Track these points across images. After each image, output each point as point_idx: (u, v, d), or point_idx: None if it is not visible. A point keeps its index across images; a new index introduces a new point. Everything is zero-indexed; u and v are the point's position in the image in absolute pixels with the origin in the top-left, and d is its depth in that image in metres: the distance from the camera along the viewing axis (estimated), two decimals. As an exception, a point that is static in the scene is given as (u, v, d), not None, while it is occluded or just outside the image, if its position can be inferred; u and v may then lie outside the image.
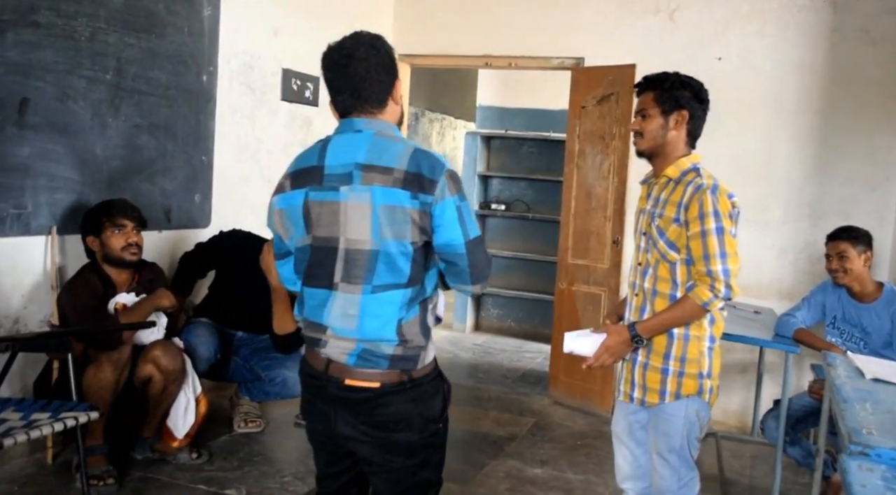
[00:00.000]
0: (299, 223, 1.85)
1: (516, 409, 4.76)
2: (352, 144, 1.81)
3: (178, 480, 3.26)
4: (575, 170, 4.92)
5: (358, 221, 1.77)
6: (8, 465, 3.21)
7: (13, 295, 3.23)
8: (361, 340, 1.80)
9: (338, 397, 1.84)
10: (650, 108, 2.42)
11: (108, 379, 3.05)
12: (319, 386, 1.87)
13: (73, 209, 3.39)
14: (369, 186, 1.76)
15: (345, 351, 1.82)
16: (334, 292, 1.81)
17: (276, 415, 4.15)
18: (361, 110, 1.86)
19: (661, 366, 2.37)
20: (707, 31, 4.67)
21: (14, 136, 3.12)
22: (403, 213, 1.75)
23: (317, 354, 1.87)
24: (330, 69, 1.86)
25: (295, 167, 1.89)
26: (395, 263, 1.77)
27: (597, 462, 3.93)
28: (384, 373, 1.81)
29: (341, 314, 1.81)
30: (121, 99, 3.57)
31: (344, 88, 1.85)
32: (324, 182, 1.81)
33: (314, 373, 1.88)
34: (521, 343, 6.75)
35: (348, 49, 1.85)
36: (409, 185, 1.74)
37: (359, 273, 1.78)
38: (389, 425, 1.84)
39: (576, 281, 4.91)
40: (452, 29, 5.31)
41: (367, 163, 1.77)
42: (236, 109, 4.29)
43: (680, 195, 2.32)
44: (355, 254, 1.78)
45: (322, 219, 1.81)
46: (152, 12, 3.68)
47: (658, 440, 2.41)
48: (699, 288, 2.25)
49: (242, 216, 4.37)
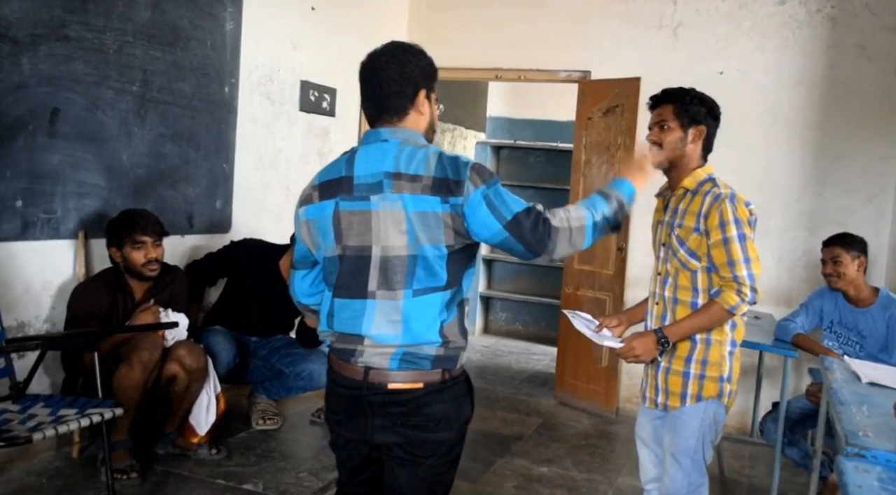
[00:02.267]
0: (329, 233, 1.85)
1: (523, 409, 4.88)
2: (379, 154, 1.82)
3: (198, 475, 3.36)
4: (581, 179, 5.05)
5: (393, 229, 1.78)
6: (37, 459, 3.32)
7: (42, 295, 3.35)
8: (404, 344, 1.80)
9: (377, 403, 1.83)
10: (670, 121, 2.49)
11: (137, 379, 3.15)
12: (356, 396, 1.85)
13: (100, 214, 3.50)
14: (400, 194, 1.77)
15: (386, 356, 1.81)
16: (372, 301, 1.81)
17: (292, 413, 4.28)
18: (384, 120, 1.88)
19: (683, 370, 2.42)
20: (709, 46, 4.80)
21: (45, 145, 3.24)
22: (436, 218, 1.77)
23: (352, 365, 1.84)
24: (360, 79, 1.91)
25: (321, 178, 1.90)
26: (432, 267, 1.79)
27: (601, 461, 4.05)
28: (427, 373, 1.82)
29: (384, 321, 1.80)
30: (146, 109, 3.71)
31: (367, 98, 1.89)
32: (354, 192, 1.82)
33: (350, 384, 1.85)
34: (528, 345, 6.87)
35: (374, 60, 1.88)
36: (437, 191, 1.76)
37: (398, 278, 1.79)
38: (430, 425, 1.85)
39: (581, 286, 5.04)
40: (464, 43, 5.45)
41: (396, 172, 1.78)
42: (256, 119, 4.43)
43: (699, 205, 2.39)
44: (393, 261, 1.79)
45: (353, 228, 1.81)
46: (177, 26, 3.82)
47: (673, 441, 2.44)
48: (726, 293, 2.30)
49: (261, 222, 4.50)
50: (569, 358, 5.11)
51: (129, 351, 3.19)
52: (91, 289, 3.33)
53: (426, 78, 1.92)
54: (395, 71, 1.86)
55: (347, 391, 1.87)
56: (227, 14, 4.12)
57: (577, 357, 5.05)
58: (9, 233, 3.15)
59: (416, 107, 1.89)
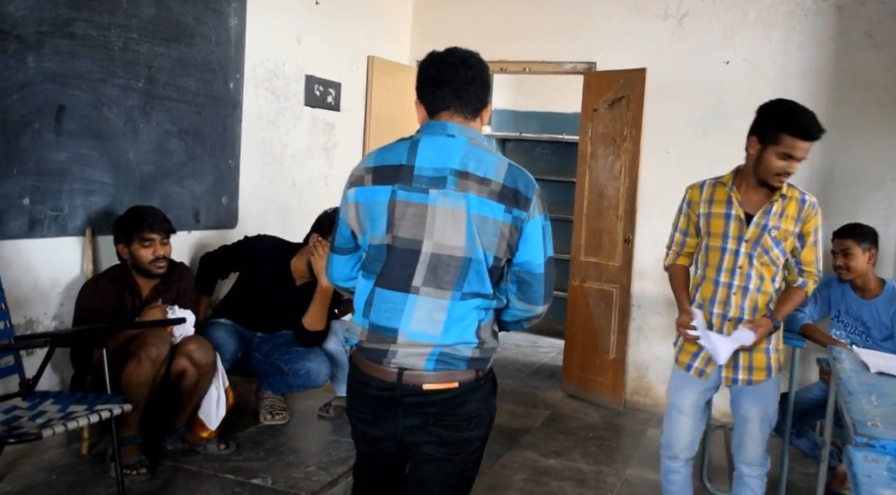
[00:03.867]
0: (380, 220, 1.81)
1: (531, 402, 4.89)
2: (445, 148, 1.81)
3: (207, 470, 3.37)
4: (587, 171, 5.04)
5: (452, 227, 1.77)
6: (47, 455, 3.34)
7: (51, 292, 3.37)
8: (441, 344, 1.80)
9: (412, 404, 1.83)
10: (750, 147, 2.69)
11: (146, 375, 3.16)
12: (388, 398, 1.84)
13: (107, 211, 3.52)
14: (465, 193, 1.77)
15: (421, 356, 1.81)
16: (414, 296, 1.80)
17: (300, 408, 4.29)
18: (452, 114, 1.86)
19: (766, 347, 2.72)
20: (715, 36, 4.78)
21: (52, 142, 3.25)
22: (495, 226, 1.78)
23: (384, 367, 1.83)
24: (436, 66, 1.87)
25: (378, 162, 1.85)
26: (482, 272, 1.80)
27: (609, 453, 4.05)
28: (462, 373, 1.83)
29: (425, 319, 1.80)
30: (152, 106, 3.71)
31: (445, 84, 1.85)
32: (413, 182, 1.79)
33: (381, 385, 1.84)
34: (535, 338, 6.86)
35: (462, 54, 1.89)
36: (504, 199, 1.77)
37: (450, 279, 1.79)
38: (463, 423, 1.87)
39: (588, 278, 5.03)
40: (468, 35, 5.38)
41: (463, 170, 1.78)
42: (261, 115, 4.43)
43: (795, 210, 2.67)
44: (446, 260, 1.78)
45: (406, 220, 1.79)
46: (182, 23, 3.83)
47: (761, 410, 2.75)
48: (810, 283, 2.73)
49: (267, 217, 4.51)
50: (576, 350, 5.11)
51: (138, 347, 3.20)
52: (99, 287, 3.34)
53: (491, 92, 2.04)
54: (482, 74, 1.91)
55: (378, 392, 1.86)
56: (231, 9, 4.12)
57: (584, 349, 5.05)
58: (16, 230, 3.16)
59: (482, 114, 1.92)
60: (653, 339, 4.97)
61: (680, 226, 2.88)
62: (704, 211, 2.78)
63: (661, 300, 4.91)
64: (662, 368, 4.94)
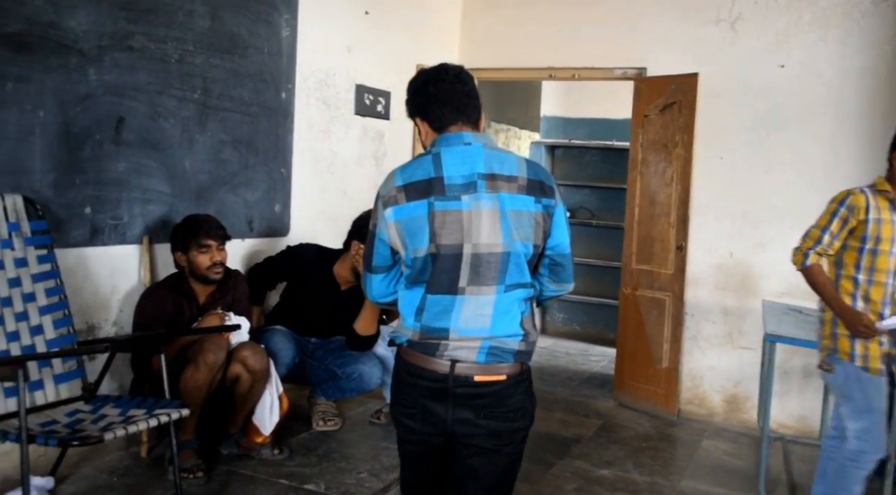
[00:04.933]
0: (421, 233, 1.90)
1: (582, 411, 4.84)
2: (466, 156, 1.93)
3: (261, 474, 3.41)
4: (638, 177, 4.98)
5: (489, 227, 1.88)
6: (107, 457, 3.41)
7: (111, 299, 3.46)
8: (490, 337, 1.90)
9: (462, 395, 1.92)
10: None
11: (203, 380, 3.22)
12: (439, 389, 1.93)
13: (164, 220, 3.60)
14: (496, 193, 1.89)
15: (472, 349, 1.91)
16: (461, 296, 1.90)
17: (351, 414, 4.32)
18: (460, 126, 1.99)
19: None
20: (769, 40, 4.69)
21: (111, 153, 3.34)
22: (529, 217, 1.91)
23: (437, 359, 1.92)
24: (434, 84, 2.00)
25: (406, 179, 1.94)
26: (521, 263, 1.92)
27: (662, 464, 3.99)
28: (510, 366, 1.94)
29: (473, 315, 1.90)
30: (207, 116, 3.79)
31: (448, 102, 1.98)
32: (446, 192, 1.89)
33: (433, 377, 1.93)
34: (586, 346, 6.82)
35: (454, 71, 2.03)
36: (532, 191, 1.92)
37: (492, 274, 1.89)
38: (510, 415, 1.97)
39: (640, 286, 4.97)
40: (517, 42, 5.44)
41: (490, 172, 1.91)
42: (313, 124, 4.49)
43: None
44: (487, 258, 1.89)
45: (446, 227, 1.88)
46: (235, 35, 3.90)
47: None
48: None
49: (318, 225, 4.56)
50: (627, 359, 5.05)
51: (195, 353, 3.26)
52: (157, 295, 3.42)
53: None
54: (474, 88, 2.06)
55: (430, 383, 1.94)
56: (283, 21, 4.19)
57: (636, 358, 4.98)
58: (78, 239, 3.25)
59: (479, 122, 2.06)
60: (707, 349, 4.88)
61: (832, 229, 2.98)
62: (874, 216, 2.91)
63: (715, 308, 4.83)
64: (717, 378, 4.85)
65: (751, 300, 4.70)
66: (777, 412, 4.44)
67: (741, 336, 4.78)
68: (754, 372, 4.60)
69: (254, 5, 3.99)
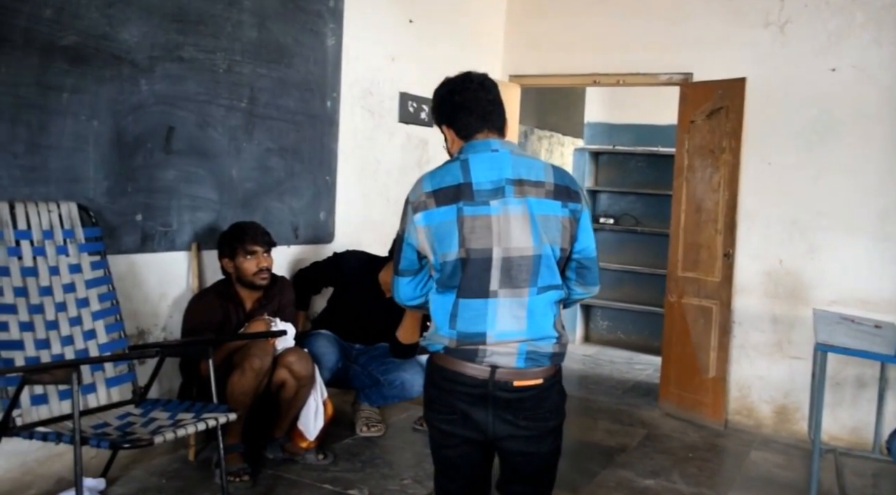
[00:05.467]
0: (450, 237, 1.94)
1: (627, 420, 4.78)
2: (494, 162, 1.98)
3: (306, 479, 3.43)
4: (684, 183, 4.92)
5: (518, 230, 1.93)
6: (156, 460, 3.47)
7: (160, 305, 3.52)
8: (527, 340, 1.95)
9: (503, 400, 1.96)
10: None
11: (249, 385, 3.26)
12: (480, 395, 1.96)
13: (211, 227, 3.66)
14: (524, 198, 1.94)
15: (511, 354, 1.95)
16: (494, 300, 1.94)
17: (395, 421, 4.33)
18: (487, 133, 2.05)
19: None
20: (820, 42, 4.59)
21: (162, 161, 3.41)
22: (556, 221, 1.96)
23: (476, 364, 1.95)
24: (460, 93, 2.07)
25: (435, 185, 1.99)
26: (552, 265, 1.97)
27: (709, 474, 3.92)
28: (546, 369, 2.00)
29: (508, 317, 1.94)
30: (254, 125, 3.85)
31: (473, 110, 2.05)
32: (475, 197, 1.94)
33: (473, 382, 1.96)
34: (630, 354, 6.75)
35: (478, 79, 2.09)
36: (559, 196, 1.97)
37: (524, 277, 1.94)
38: (547, 415, 2.03)
39: (686, 294, 4.90)
40: (560, 49, 5.42)
41: (517, 178, 1.96)
42: (357, 132, 4.53)
43: None
44: (518, 261, 1.93)
45: (476, 232, 1.92)
46: (282, 44, 3.96)
47: None
48: None
49: (363, 233, 4.60)
50: (673, 368, 4.98)
51: (242, 358, 3.30)
52: (205, 301, 3.48)
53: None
54: (499, 95, 2.11)
55: (470, 389, 1.98)
56: (329, 30, 4.24)
57: (682, 367, 4.91)
58: (129, 245, 3.33)
59: (505, 128, 2.12)
60: (755, 358, 4.79)
61: None
62: None
63: (764, 317, 4.74)
64: (766, 388, 4.75)
65: (801, 309, 4.59)
66: (829, 423, 4.34)
67: (791, 345, 4.68)
68: (805, 382, 4.50)
69: (300, 15, 4.05)
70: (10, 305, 2.78)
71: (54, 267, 2.97)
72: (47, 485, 3.07)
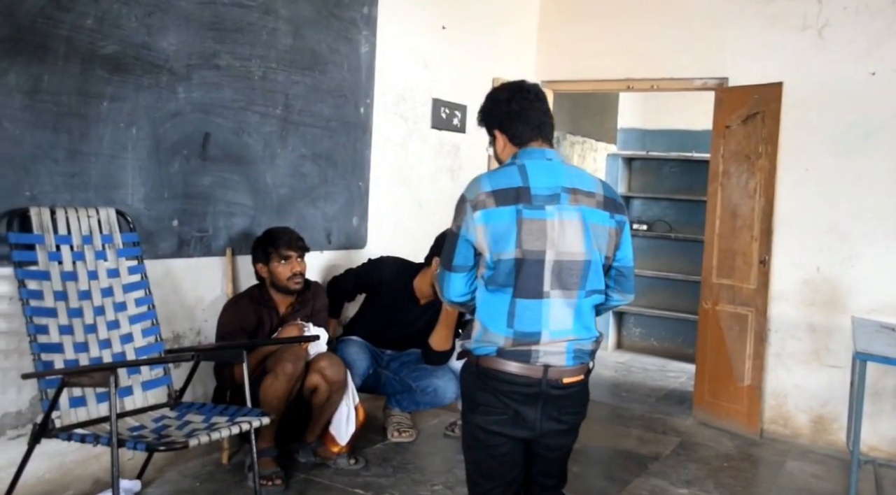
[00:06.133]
0: (508, 237, 2.02)
1: (660, 428, 4.73)
2: (549, 170, 2.10)
3: (337, 483, 3.45)
4: (719, 189, 4.87)
5: (572, 236, 2.05)
6: (191, 463, 3.51)
7: (196, 309, 3.57)
8: (575, 339, 2.07)
9: (553, 397, 2.08)
10: None
11: (282, 389, 3.29)
12: (533, 394, 2.07)
13: (246, 232, 3.70)
14: (578, 206, 2.06)
15: (561, 353, 2.07)
16: (547, 300, 2.04)
17: (426, 426, 4.34)
18: (539, 142, 2.15)
19: None
20: (860, 46, 4.52)
21: (198, 168, 3.46)
22: (604, 230, 2.09)
23: (531, 365, 2.06)
24: (517, 101, 2.16)
25: (494, 186, 2.06)
26: (599, 271, 2.10)
27: (744, 485, 3.86)
28: (585, 366, 2.14)
29: (560, 317, 2.06)
30: (288, 131, 3.89)
31: (529, 120, 2.15)
32: (533, 201, 2.04)
33: (527, 382, 2.06)
34: (663, 362, 6.68)
35: (534, 89, 2.19)
36: (607, 207, 2.11)
37: (574, 280, 2.06)
38: (582, 409, 2.19)
39: (720, 301, 4.85)
40: (594, 54, 5.39)
41: (572, 187, 2.08)
42: (390, 138, 4.55)
43: None
44: (569, 265, 2.05)
45: (532, 234, 2.02)
46: (316, 52, 4.00)
47: None
48: None
49: (395, 238, 4.61)
50: (707, 376, 4.92)
51: (275, 362, 3.33)
52: (239, 306, 3.51)
53: None
54: (548, 106, 2.22)
55: (524, 388, 2.07)
56: (363, 37, 4.27)
57: (716, 375, 4.85)
58: (166, 250, 3.38)
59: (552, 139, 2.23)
60: (792, 366, 4.71)
61: None
62: None
63: (801, 325, 4.66)
64: (803, 397, 4.68)
65: (839, 317, 4.52)
66: (868, 434, 4.25)
67: (829, 354, 4.60)
68: (843, 391, 4.42)
69: (335, 23, 4.08)
70: (50, 309, 2.84)
71: (93, 271, 3.02)
72: (84, 486, 3.13)
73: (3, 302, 2.84)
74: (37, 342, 2.77)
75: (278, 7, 3.76)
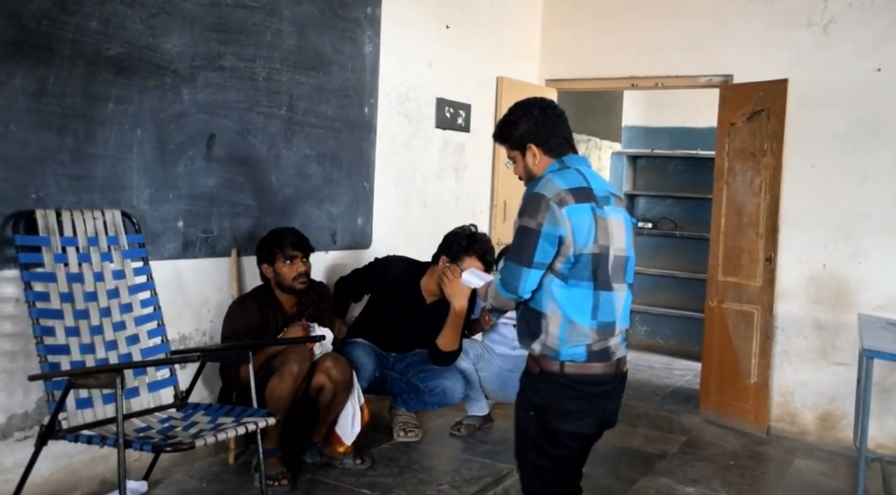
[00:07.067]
0: (588, 233, 2.20)
1: (666, 427, 4.73)
2: (594, 176, 2.32)
3: (343, 483, 3.44)
4: (724, 187, 4.86)
5: (621, 235, 2.28)
6: (197, 464, 3.51)
7: (201, 310, 3.57)
8: (623, 329, 2.28)
9: (619, 388, 2.32)
10: None
11: (287, 389, 3.28)
12: (613, 389, 2.30)
13: (251, 233, 3.69)
14: (620, 208, 2.32)
15: (620, 344, 2.29)
16: (614, 292, 2.25)
17: (431, 426, 4.33)
18: (572, 153, 2.35)
19: None
20: (865, 42, 4.50)
21: (203, 169, 3.46)
22: (631, 229, 2.35)
23: (609, 364, 2.25)
24: (550, 117, 2.34)
25: (569, 185, 2.22)
26: (633, 267, 2.34)
27: (751, 483, 3.86)
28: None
29: (621, 308, 2.27)
30: (293, 132, 3.89)
31: (562, 133, 2.34)
32: (599, 201, 2.25)
33: (607, 380, 2.26)
34: (669, 360, 6.67)
35: (551, 105, 2.39)
36: (627, 209, 2.38)
37: (622, 275, 2.28)
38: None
39: (726, 298, 4.84)
40: (598, 52, 5.39)
41: (611, 192, 2.32)
42: (394, 138, 4.55)
43: None
44: (620, 260, 2.27)
45: (603, 231, 2.22)
46: (320, 52, 4.00)
47: None
48: None
49: (400, 237, 4.61)
50: (714, 373, 4.92)
51: (281, 363, 3.33)
52: (245, 306, 3.51)
53: None
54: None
55: (608, 386, 2.26)
56: (367, 37, 4.27)
57: (722, 373, 4.84)
58: (171, 251, 3.38)
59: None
60: (798, 364, 4.71)
61: None
62: None
63: (807, 322, 4.66)
64: (809, 395, 4.67)
65: (846, 314, 4.51)
66: (875, 431, 4.24)
67: (835, 351, 4.59)
68: (850, 388, 4.41)
69: (338, 23, 4.08)
70: (56, 310, 2.85)
71: (99, 273, 3.02)
72: (91, 487, 3.13)
73: (9, 304, 2.85)
74: (43, 344, 2.77)
75: (282, 8, 3.76)
